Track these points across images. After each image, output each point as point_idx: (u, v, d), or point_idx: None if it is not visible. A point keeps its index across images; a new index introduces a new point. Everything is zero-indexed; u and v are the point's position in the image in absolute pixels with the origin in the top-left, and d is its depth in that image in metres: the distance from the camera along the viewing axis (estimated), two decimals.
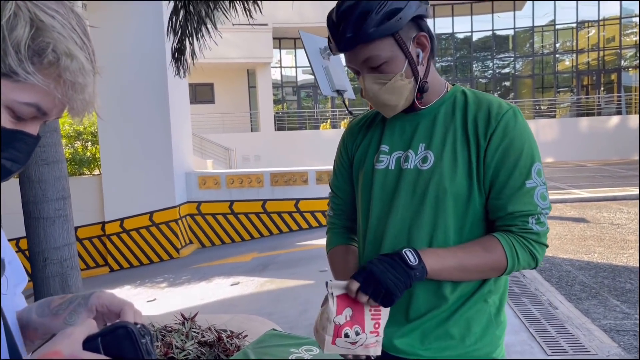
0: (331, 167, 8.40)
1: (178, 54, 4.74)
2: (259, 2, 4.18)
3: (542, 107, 23.13)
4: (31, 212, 2.65)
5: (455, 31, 23.54)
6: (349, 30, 1.18)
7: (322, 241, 6.75)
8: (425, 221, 1.24)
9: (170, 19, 4.44)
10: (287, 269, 7.17)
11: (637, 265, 5.74)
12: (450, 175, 1.22)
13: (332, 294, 1.16)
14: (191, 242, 9.99)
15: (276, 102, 22.93)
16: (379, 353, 1.18)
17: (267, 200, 9.92)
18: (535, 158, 1.21)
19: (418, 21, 1.22)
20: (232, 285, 6.74)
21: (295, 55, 23.02)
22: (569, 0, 22.46)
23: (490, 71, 24.70)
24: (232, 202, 9.96)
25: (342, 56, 1.33)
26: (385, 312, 1.18)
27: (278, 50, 21.66)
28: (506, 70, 24.78)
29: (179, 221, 9.51)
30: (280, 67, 22.96)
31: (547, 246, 1.24)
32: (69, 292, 2.76)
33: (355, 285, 1.14)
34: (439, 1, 21.80)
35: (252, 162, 19.20)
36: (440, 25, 23.23)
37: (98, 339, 0.69)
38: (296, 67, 23.41)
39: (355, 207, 1.44)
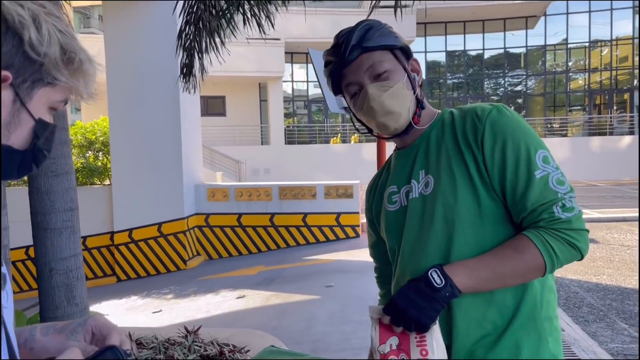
0: (340, 182, 8.49)
1: (186, 70, 4.81)
2: (271, 17, 4.23)
3: (553, 126, 23.02)
4: (39, 223, 2.69)
5: (467, 48, 23.59)
6: (353, 40, 1.26)
7: (329, 256, 6.79)
8: (440, 241, 1.22)
9: (180, 35, 4.50)
10: (293, 283, 7.16)
11: None
12: (452, 192, 1.21)
13: (371, 317, 1.18)
14: (198, 254, 10.02)
15: (287, 115, 23.05)
16: None
17: (275, 213, 9.93)
18: (534, 146, 1.17)
19: (407, 52, 1.31)
20: (237, 298, 6.74)
21: (307, 70, 23.16)
22: (582, 19, 22.45)
23: (502, 89, 24.69)
24: (240, 214, 9.99)
25: None
26: (430, 335, 1.14)
27: (290, 64, 21.79)
28: (518, 87, 24.75)
29: (187, 233, 9.55)
30: (292, 81, 23.10)
31: (586, 230, 1.15)
32: (73, 302, 2.80)
33: (387, 318, 1.15)
34: (451, 20, 21.92)
35: (261, 175, 19.26)
36: (451, 42, 23.32)
37: None
38: (307, 81, 23.54)
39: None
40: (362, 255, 8.18)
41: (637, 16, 21.77)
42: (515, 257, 1.14)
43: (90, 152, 10.60)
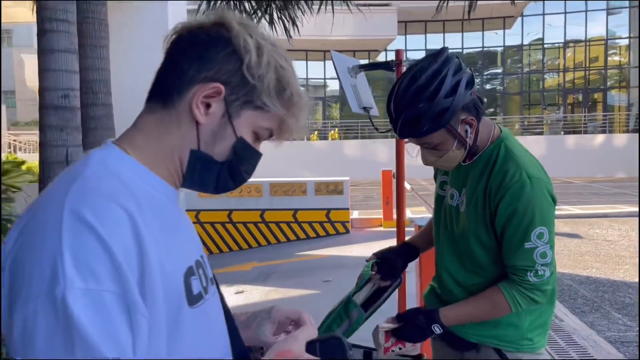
0: (331, 178, 8.60)
1: None
2: (296, 21, 4.33)
3: (529, 124, 23.57)
4: None
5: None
6: (405, 129, 1.44)
7: (321, 252, 6.96)
8: (460, 247, 1.59)
9: None
10: (290, 278, 7.24)
11: (635, 280, 5.94)
12: (473, 222, 1.53)
13: (379, 330, 1.60)
14: None
15: None
16: (419, 352, 1.62)
17: (266, 210, 9.99)
18: (535, 224, 1.42)
19: (467, 104, 1.43)
20: (236, 293, 6.78)
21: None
22: (557, 19, 23.01)
23: (478, 87, 25.16)
24: (230, 211, 10.01)
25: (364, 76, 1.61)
26: None
27: None
28: (495, 86, 25.24)
29: None
30: None
31: (548, 290, 1.50)
32: None
33: (391, 331, 1.60)
34: (431, 18, 22.21)
35: None
36: (431, 40, 23.66)
37: (316, 343, 0.85)
38: None
39: None
40: (355, 250, 8.32)
41: (609, 18, 22.45)
42: (491, 310, 1.52)
43: None
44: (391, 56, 22.27)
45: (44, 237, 0.62)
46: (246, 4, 4.25)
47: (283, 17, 4.26)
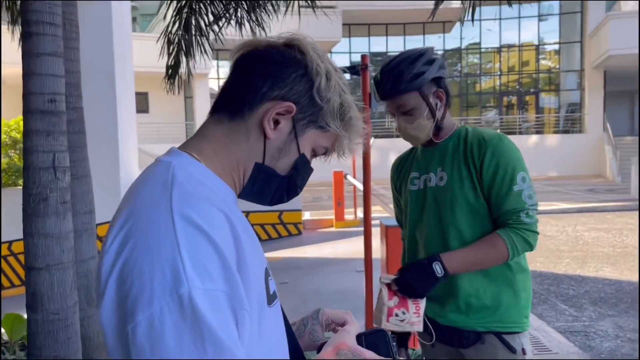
0: None
1: (172, 71, 4.76)
2: (263, 24, 4.34)
3: (467, 125, 24.37)
4: None
5: (389, 50, 24.46)
6: (387, 87, 1.71)
7: (275, 254, 7.05)
8: (445, 222, 1.71)
9: (168, 37, 4.45)
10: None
11: (576, 273, 6.33)
12: (459, 187, 1.69)
13: (383, 283, 1.64)
14: None
15: None
16: (421, 329, 1.67)
17: (250, 212, 9.89)
18: (518, 169, 1.64)
19: (438, 80, 1.71)
20: None
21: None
22: (493, 25, 23.99)
23: None
24: None
25: None
26: (422, 301, 1.65)
27: (216, 60, 21.53)
28: None
29: None
30: (218, 78, 22.84)
31: (538, 233, 1.66)
32: (93, 304, 2.74)
33: (395, 287, 1.64)
34: (374, 22, 22.66)
35: None
36: (375, 43, 24.09)
37: (362, 337, 0.93)
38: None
39: None
40: (310, 251, 8.39)
41: (540, 24, 23.66)
42: (491, 252, 1.64)
43: (14, 152, 9.98)
44: (337, 58, 22.51)
45: (159, 241, 0.64)
46: (214, 5, 4.22)
47: (250, 19, 4.26)
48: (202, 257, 0.64)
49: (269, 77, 0.83)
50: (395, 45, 24.16)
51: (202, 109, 20.22)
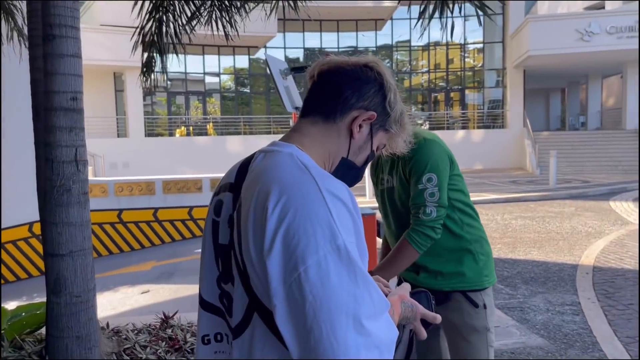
0: (213, 175, 8.84)
1: (147, 68, 4.78)
2: (235, 25, 4.46)
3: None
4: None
5: (323, 46, 24.83)
6: None
7: None
8: (398, 215, 2.07)
9: (141, 33, 4.46)
10: (195, 275, 7.09)
11: (508, 256, 6.92)
12: (401, 188, 2.02)
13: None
14: None
15: (146, 107, 22.20)
16: None
17: (159, 208, 9.79)
18: (427, 170, 1.91)
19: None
20: (142, 293, 6.69)
21: (164, 60, 22.43)
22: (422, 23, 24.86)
23: None
24: (120, 210, 9.67)
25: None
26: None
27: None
28: None
29: None
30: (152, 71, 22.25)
31: (439, 228, 1.92)
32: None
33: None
34: (307, 18, 22.85)
35: (120, 170, 18.40)
36: (309, 38, 24.37)
37: (409, 294, 1.17)
38: (166, 72, 22.84)
39: None
40: None
41: (466, 24, 24.82)
42: (403, 255, 1.95)
43: None
44: (272, 53, 22.55)
45: (316, 209, 0.84)
46: (189, 5, 4.31)
47: (223, 19, 4.38)
48: (344, 219, 0.86)
49: (356, 91, 1.08)
50: (329, 41, 24.60)
51: (135, 102, 19.73)
